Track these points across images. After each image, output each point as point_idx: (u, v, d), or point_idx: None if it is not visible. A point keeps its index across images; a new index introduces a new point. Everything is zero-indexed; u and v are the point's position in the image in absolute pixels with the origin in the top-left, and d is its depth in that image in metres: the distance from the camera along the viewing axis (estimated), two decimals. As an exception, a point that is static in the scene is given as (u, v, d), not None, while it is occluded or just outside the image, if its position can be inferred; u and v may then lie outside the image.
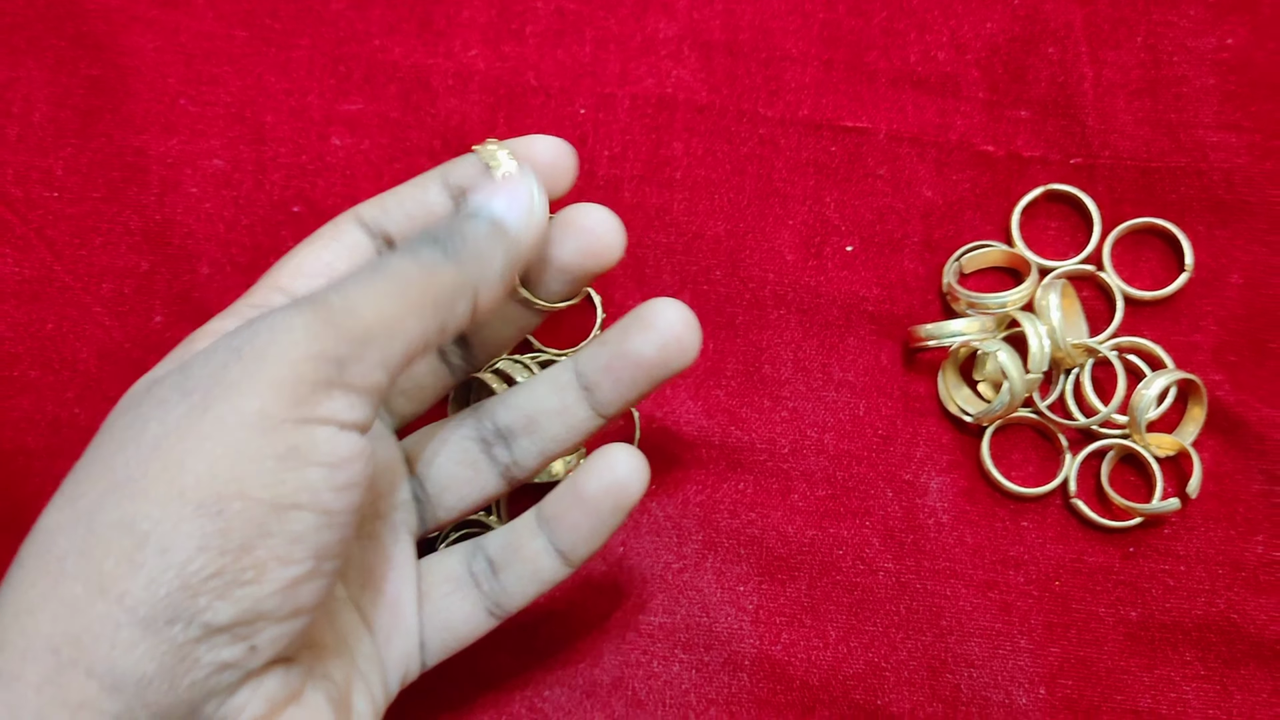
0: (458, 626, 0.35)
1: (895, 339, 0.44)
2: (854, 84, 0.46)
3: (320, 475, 0.27)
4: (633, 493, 0.33)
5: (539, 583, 0.35)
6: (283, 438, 0.26)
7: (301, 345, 0.27)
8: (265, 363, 0.27)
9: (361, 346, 0.28)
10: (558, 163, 0.34)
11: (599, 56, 0.46)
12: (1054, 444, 0.42)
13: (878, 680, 0.40)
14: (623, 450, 0.33)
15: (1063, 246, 0.44)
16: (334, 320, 0.28)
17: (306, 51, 0.46)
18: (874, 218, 0.44)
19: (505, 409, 0.36)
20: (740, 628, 0.41)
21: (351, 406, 0.28)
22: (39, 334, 0.43)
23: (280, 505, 0.26)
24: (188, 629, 0.25)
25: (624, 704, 0.40)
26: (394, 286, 0.29)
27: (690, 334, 0.33)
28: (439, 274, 0.30)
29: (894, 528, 0.42)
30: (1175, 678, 0.40)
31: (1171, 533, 0.41)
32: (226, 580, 0.26)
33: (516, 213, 0.31)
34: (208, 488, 0.26)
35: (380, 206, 0.35)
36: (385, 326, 0.28)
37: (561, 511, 0.34)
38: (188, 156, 0.45)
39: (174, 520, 0.25)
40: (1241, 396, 0.42)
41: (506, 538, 0.35)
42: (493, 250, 0.31)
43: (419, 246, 0.30)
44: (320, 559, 0.27)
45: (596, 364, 0.34)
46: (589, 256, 0.34)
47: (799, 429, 0.43)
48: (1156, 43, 0.45)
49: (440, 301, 0.29)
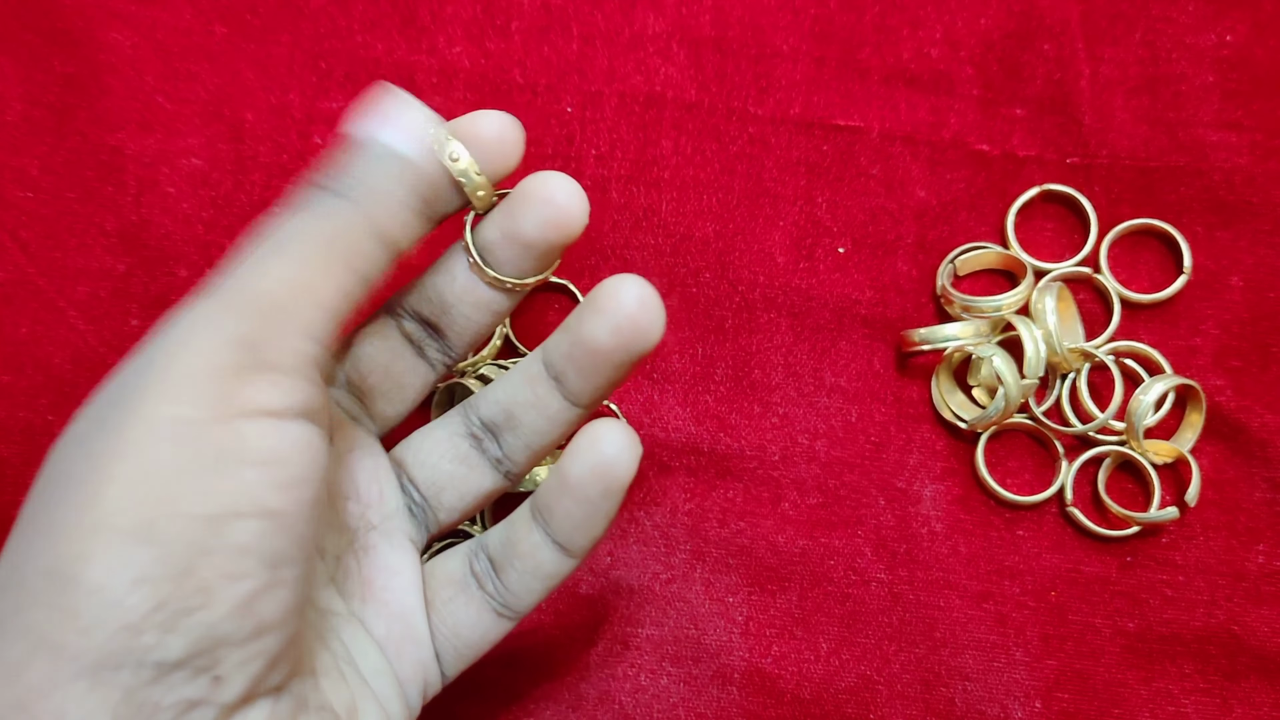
0: (467, 632, 0.33)
1: (888, 343, 0.43)
2: (846, 81, 0.45)
3: (258, 476, 0.25)
4: (622, 472, 0.30)
5: (543, 578, 0.32)
6: (208, 442, 0.24)
7: (205, 336, 0.25)
8: (171, 365, 0.25)
9: (273, 320, 0.26)
10: (503, 137, 0.31)
11: (586, 53, 0.45)
12: (1050, 451, 0.42)
13: (870, 694, 0.39)
14: (607, 425, 0.30)
15: (1059, 248, 0.43)
16: (236, 301, 0.26)
17: (287, 48, 0.45)
18: (866, 218, 0.43)
19: (486, 403, 0.34)
20: (730, 640, 0.40)
21: (280, 390, 0.25)
22: (12, 338, 0.42)
23: (218, 517, 0.24)
24: (138, 672, 0.23)
25: (611, 718, 0.39)
26: (292, 247, 0.27)
27: (647, 315, 0.30)
28: (336, 219, 0.28)
29: (887, 537, 0.41)
30: (1174, 691, 0.39)
31: (1170, 542, 0.40)
32: (172, 611, 0.23)
33: (403, 134, 0.29)
34: (133, 513, 0.23)
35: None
36: (293, 292, 0.26)
37: (552, 501, 0.31)
38: (165, 155, 0.44)
39: (100, 556, 0.23)
40: (1244, 402, 0.41)
41: (504, 533, 0.33)
42: (387, 179, 0.29)
43: (311, 198, 0.28)
44: (275, 567, 0.25)
45: (559, 352, 0.32)
46: (550, 227, 0.31)
47: (790, 435, 0.42)
48: (1155, 39, 0.44)
49: (347, 249, 0.27)
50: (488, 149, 0.31)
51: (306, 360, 0.26)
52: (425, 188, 0.30)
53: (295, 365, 0.26)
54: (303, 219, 0.28)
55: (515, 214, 0.32)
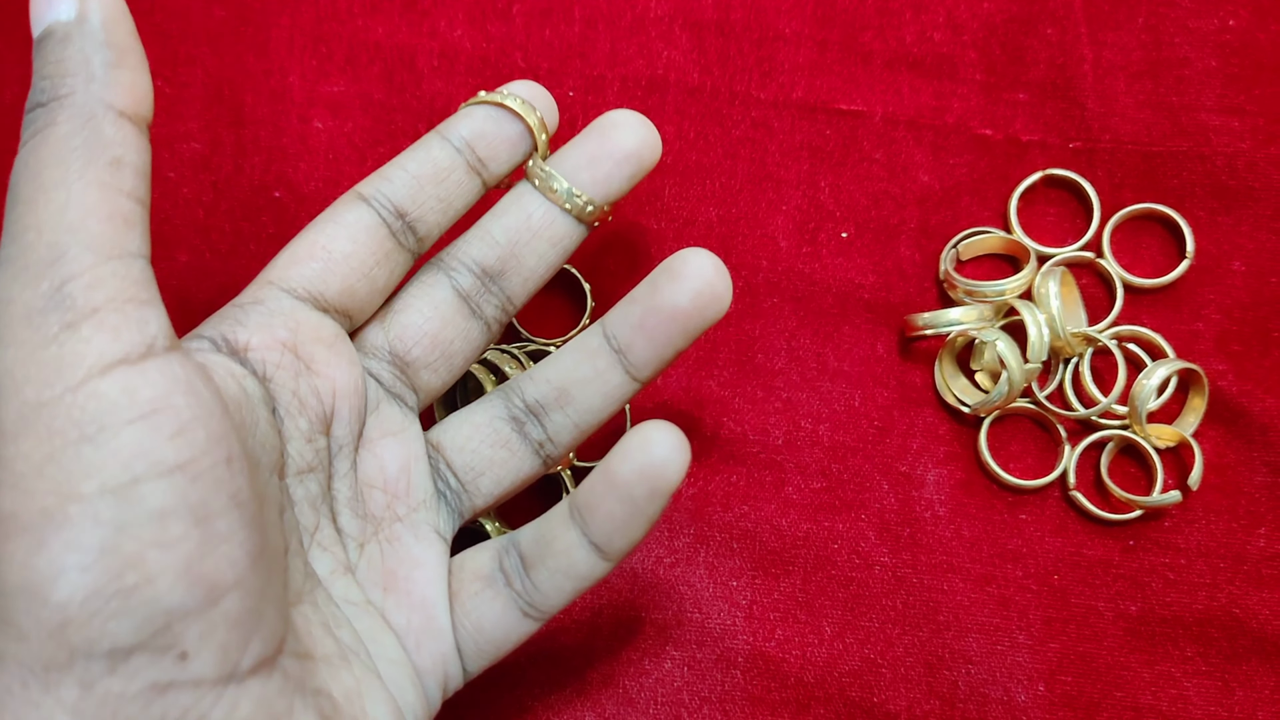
0: (490, 629, 0.32)
1: (891, 327, 0.43)
2: (849, 65, 0.44)
3: (139, 433, 0.23)
4: (671, 475, 0.29)
5: (574, 579, 0.31)
6: (69, 415, 0.23)
7: (9, 315, 0.23)
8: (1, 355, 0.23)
9: (60, 260, 0.24)
10: (542, 101, 0.34)
11: (588, 36, 0.45)
12: (1053, 435, 0.42)
13: (874, 677, 0.39)
14: (659, 427, 0.30)
15: (1061, 233, 0.43)
16: (15, 265, 0.24)
17: (286, 31, 0.44)
18: (869, 203, 0.43)
19: (533, 384, 0.34)
20: (733, 624, 0.40)
21: (116, 332, 0.23)
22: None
23: (116, 487, 0.23)
24: (90, 665, 0.22)
25: (615, 703, 0.39)
26: (32, 185, 0.24)
27: (722, 280, 0.32)
28: (55, 125, 0.25)
29: (890, 521, 0.41)
30: (1176, 673, 0.39)
31: (1172, 525, 0.40)
32: (108, 594, 0.22)
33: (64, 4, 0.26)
34: (27, 510, 0.22)
35: (381, 177, 0.33)
36: (60, 224, 0.24)
37: (594, 500, 0.30)
38: (164, 139, 0.43)
39: (12, 559, 0.22)
40: (1245, 386, 0.41)
41: (538, 531, 0.32)
42: (74, 53, 0.26)
43: (25, 124, 0.26)
44: (205, 522, 0.24)
45: (628, 323, 0.32)
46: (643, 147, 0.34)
47: (793, 420, 0.42)
48: (1158, 24, 0.44)
49: (82, 146, 0.25)
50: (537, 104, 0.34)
51: (126, 281, 0.24)
52: (114, 35, 0.26)
53: (117, 294, 0.24)
54: (31, 145, 0.25)
55: (606, 135, 0.33)
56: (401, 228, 0.33)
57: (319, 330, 0.32)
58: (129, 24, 0.27)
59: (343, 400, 0.32)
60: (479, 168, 0.34)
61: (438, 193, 0.33)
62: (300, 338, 0.31)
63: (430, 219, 0.33)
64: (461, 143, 0.33)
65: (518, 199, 0.34)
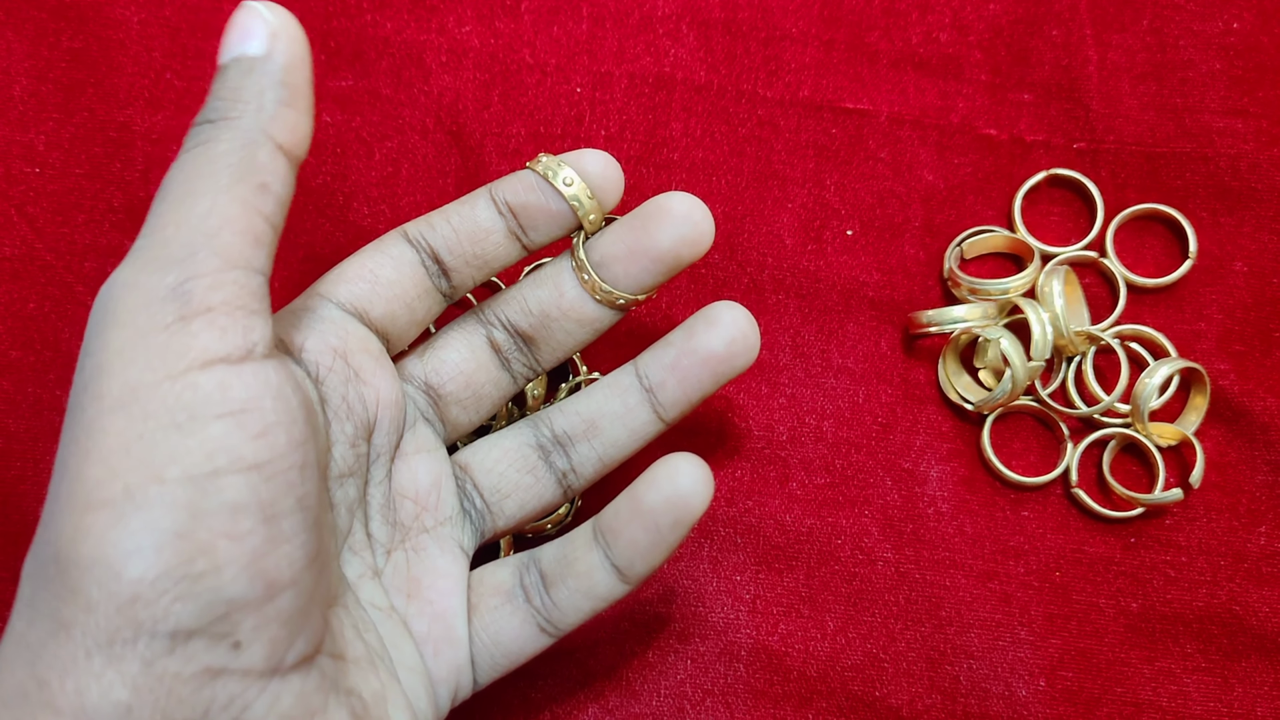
0: (507, 642, 0.33)
1: (895, 325, 0.43)
2: (855, 65, 0.45)
3: (226, 429, 0.25)
4: (696, 506, 0.31)
5: (593, 599, 0.33)
6: (166, 403, 0.24)
7: (131, 299, 0.25)
8: (109, 336, 0.25)
9: (190, 261, 0.25)
10: (606, 173, 0.33)
11: (595, 34, 0.45)
12: (1055, 433, 0.42)
13: (876, 671, 0.40)
14: (685, 460, 0.32)
15: (1065, 232, 0.44)
16: (148, 256, 0.26)
17: (295, 26, 0.45)
18: (874, 201, 0.44)
19: (563, 415, 0.35)
20: (737, 618, 0.40)
21: (224, 332, 0.25)
22: (20, 313, 0.42)
23: (198, 477, 0.24)
24: (153, 643, 0.23)
25: (618, 695, 0.40)
26: (182, 190, 0.27)
27: (754, 333, 0.34)
28: (222, 142, 0.27)
29: (893, 517, 0.41)
30: (1176, 670, 0.39)
31: (1173, 523, 0.41)
32: (177, 577, 0.24)
33: (255, 38, 0.28)
34: (112, 485, 0.24)
35: (426, 223, 0.34)
36: (198, 228, 0.26)
37: (619, 524, 0.32)
38: (174, 132, 0.43)
39: (91, 531, 0.23)
40: (1247, 386, 0.41)
41: (561, 550, 0.33)
42: (252, 85, 0.28)
43: (191, 135, 0.28)
44: (273, 521, 0.25)
45: (661, 363, 0.34)
46: (685, 244, 0.33)
47: (797, 416, 0.42)
48: (1162, 26, 0.44)
49: (242, 167, 0.27)
50: (592, 182, 0.33)
51: (242, 291, 0.26)
52: (291, 77, 0.29)
53: (232, 299, 0.26)
54: (191, 155, 0.27)
55: (649, 229, 0.33)
56: (437, 273, 0.34)
57: (366, 342, 0.33)
58: (307, 71, 0.29)
59: (385, 410, 0.33)
60: (519, 234, 0.34)
61: (475, 250, 0.34)
62: (349, 346, 0.32)
63: (465, 272, 0.34)
64: (505, 207, 0.34)
65: (556, 273, 0.35)
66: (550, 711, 0.39)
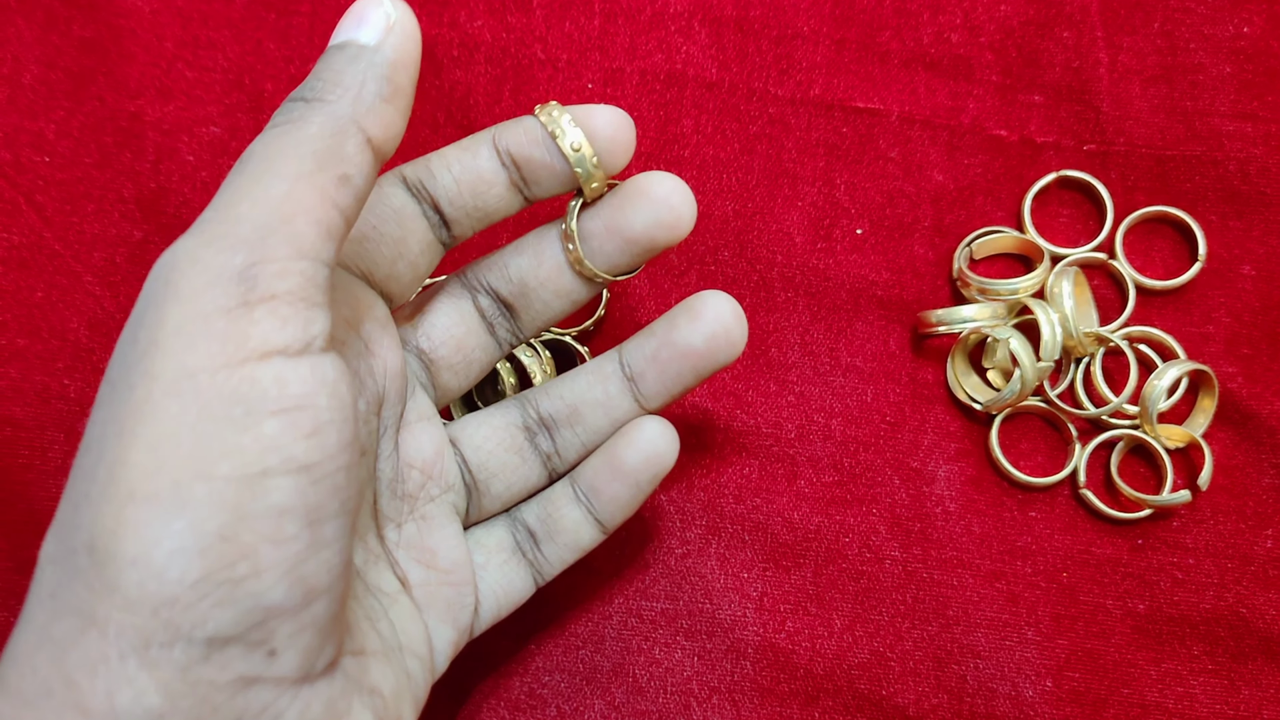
0: (514, 595, 0.35)
1: (904, 324, 0.43)
2: (866, 64, 0.45)
3: (280, 426, 0.23)
4: (669, 461, 0.34)
5: (577, 551, 0.35)
6: (221, 392, 0.23)
7: (195, 275, 0.24)
8: (165, 315, 0.23)
9: (261, 245, 0.24)
10: (617, 135, 0.31)
11: (607, 30, 0.45)
12: (1063, 434, 0.42)
13: (883, 670, 0.40)
14: (655, 421, 0.34)
15: (1074, 234, 0.44)
16: (218, 231, 0.24)
17: (307, 18, 0.45)
18: (884, 201, 0.44)
19: (549, 398, 0.35)
20: (744, 615, 0.40)
21: (285, 321, 0.24)
22: (27, 302, 0.41)
23: (248, 476, 0.23)
24: (189, 648, 0.22)
25: (625, 691, 0.39)
26: (266, 166, 0.25)
27: (738, 327, 0.33)
28: (311, 125, 0.26)
29: (901, 516, 0.41)
30: (1183, 672, 0.39)
31: (1181, 525, 0.41)
32: (217, 581, 0.22)
33: (371, 28, 0.28)
34: (159, 479, 0.22)
35: (426, 169, 0.33)
36: (276, 210, 0.25)
37: (602, 483, 0.34)
38: (184, 123, 0.43)
39: (134, 526, 0.22)
40: (1255, 389, 0.41)
41: (544, 509, 0.35)
42: (356, 72, 0.27)
43: (277, 113, 0.27)
44: (317, 526, 0.24)
45: (643, 353, 0.34)
46: (660, 227, 0.32)
47: (806, 414, 0.42)
48: (1173, 29, 0.44)
49: (327, 154, 0.26)
50: (601, 143, 0.31)
51: (308, 282, 0.25)
52: (396, 73, 0.28)
53: (296, 289, 0.24)
54: (277, 132, 0.26)
55: (625, 209, 0.32)
56: (438, 223, 0.33)
57: (374, 309, 0.32)
58: (414, 72, 0.29)
59: (391, 381, 0.32)
60: (521, 187, 0.33)
61: (475, 202, 0.33)
62: (359, 315, 0.31)
63: (465, 223, 0.33)
64: (508, 158, 0.32)
65: (537, 241, 0.34)
66: (556, 708, 0.39)
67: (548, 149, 0.32)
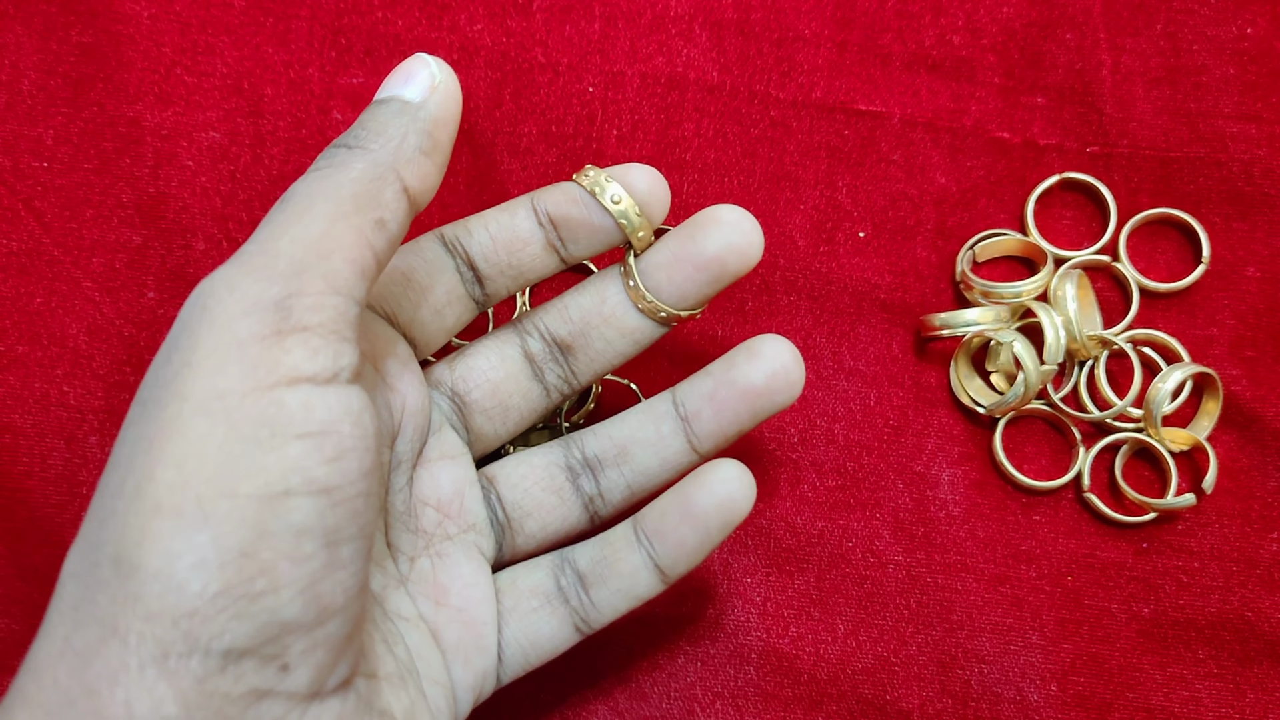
0: (543, 642, 0.34)
1: (907, 327, 0.43)
2: (868, 67, 0.45)
3: (305, 449, 0.24)
4: (744, 509, 0.32)
5: (632, 599, 0.33)
6: (249, 414, 0.24)
7: (232, 303, 0.25)
8: (200, 338, 0.25)
9: (297, 278, 0.25)
10: (653, 190, 0.33)
11: (608, 33, 0.45)
12: (1067, 437, 0.42)
13: (887, 675, 0.39)
14: (733, 465, 0.32)
15: (1078, 236, 0.43)
16: (260, 263, 0.26)
17: (306, 22, 0.45)
18: (887, 204, 0.44)
19: (596, 438, 0.35)
20: (747, 620, 0.40)
21: (315, 352, 0.25)
22: (27, 308, 0.41)
23: (270, 496, 0.24)
24: (206, 660, 0.23)
25: (628, 696, 0.39)
26: (306, 205, 0.27)
27: (798, 368, 0.33)
28: (352, 170, 0.28)
29: (904, 520, 0.41)
30: (1188, 676, 0.39)
31: (1185, 529, 0.41)
32: (236, 595, 0.23)
33: (416, 84, 0.30)
34: (184, 495, 0.23)
35: (464, 228, 0.34)
36: (313, 247, 0.26)
37: (668, 527, 0.33)
38: (183, 128, 0.43)
39: (157, 540, 0.23)
40: (1259, 392, 0.41)
41: (600, 551, 0.34)
42: (399, 124, 0.29)
43: (321, 158, 0.29)
44: (334, 547, 0.25)
45: (700, 393, 0.34)
46: (732, 251, 0.32)
47: (808, 418, 0.42)
48: (1176, 30, 0.44)
49: (366, 199, 0.27)
50: (638, 199, 0.33)
51: (339, 317, 0.26)
52: (437, 129, 0.30)
53: (328, 323, 0.26)
54: (320, 175, 0.28)
55: (695, 236, 0.33)
56: (471, 279, 0.34)
57: (395, 347, 0.33)
58: (453, 131, 0.31)
59: (409, 417, 0.32)
60: (558, 247, 0.34)
61: (511, 259, 0.34)
62: (378, 350, 0.32)
63: (499, 281, 0.34)
64: (546, 218, 0.33)
65: (601, 281, 0.35)
66: (560, 713, 0.39)
67: (586, 206, 0.33)
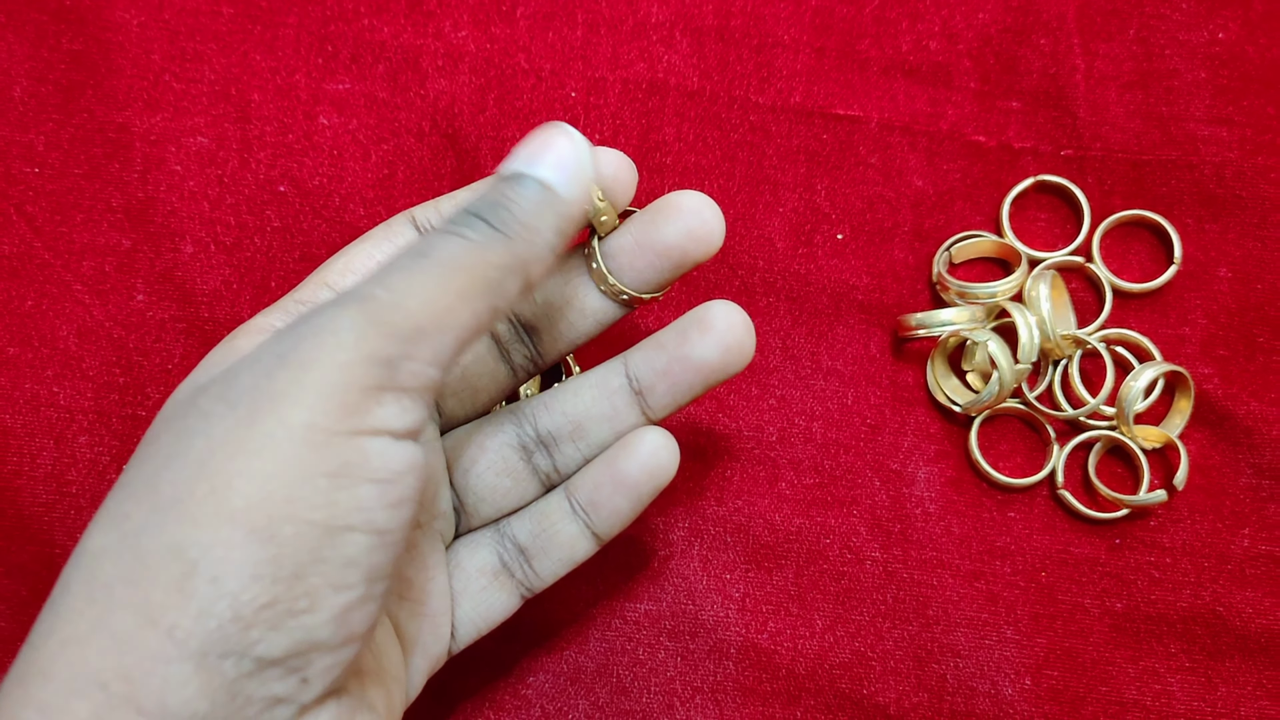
0: (495, 615, 0.35)
1: (884, 328, 0.43)
2: (846, 72, 0.45)
3: (373, 493, 0.25)
4: (670, 472, 0.33)
5: (571, 564, 0.35)
6: (334, 453, 0.25)
7: (349, 348, 0.25)
8: (312, 370, 0.25)
9: (412, 343, 0.26)
10: (618, 176, 0.33)
11: (590, 40, 0.45)
12: (1041, 435, 0.42)
13: (864, 669, 0.40)
14: (656, 432, 0.33)
15: (1052, 238, 0.44)
16: (382, 317, 0.26)
17: (293, 30, 0.45)
18: (864, 206, 0.44)
19: (549, 413, 0.35)
20: (726, 616, 0.40)
21: (404, 411, 0.26)
22: (18, 311, 0.42)
23: (333, 528, 0.25)
24: (240, 663, 0.24)
25: (609, 691, 0.40)
26: (442, 272, 0.27)
27: (749, 337, 0.33)
28: (489, 253, 0.28)
29: (881, 517, 0.41)
30: (1160, 670, 0.40)
31: (1158, 525, 0.41)
32: (280, 610, 0.24)
33: (565, 173, 0.29)
34: (259, 511, 0.24)
35: (434, 209, 0.34)
36: (436, 318, 0.27)
37: (602, 498, 0.34)
38: (172, 134, 0.44)
39: (225, 547, 0.24)
40: (1231, 390, 0.42)
41: (538, 525, 0.35)
42: (542, 219, 0.29)
43: (464, 224, 0.28)
44: (371, 582, 0.26)
45: (652, 367, 0.34)
46: (692, 239, 0.33)
47: (787, 417, 0.42)
48: (1149, 35, 0.45)
49: (491, 282, 0.28)
50: (603, 183, 0.33)
51: (430, 385, 0.27)
52: (572, 227, 0.30)
53: (419, 388, 0.27)
54: (457, 245, 0.28)
55: (656, 223, 0.33)
56: None
57: None
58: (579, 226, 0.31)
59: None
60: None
61: None
62: None
63: None
64: None
65: (567, 260, 0.35)
66: (540, 708, 0.40)
67: None
